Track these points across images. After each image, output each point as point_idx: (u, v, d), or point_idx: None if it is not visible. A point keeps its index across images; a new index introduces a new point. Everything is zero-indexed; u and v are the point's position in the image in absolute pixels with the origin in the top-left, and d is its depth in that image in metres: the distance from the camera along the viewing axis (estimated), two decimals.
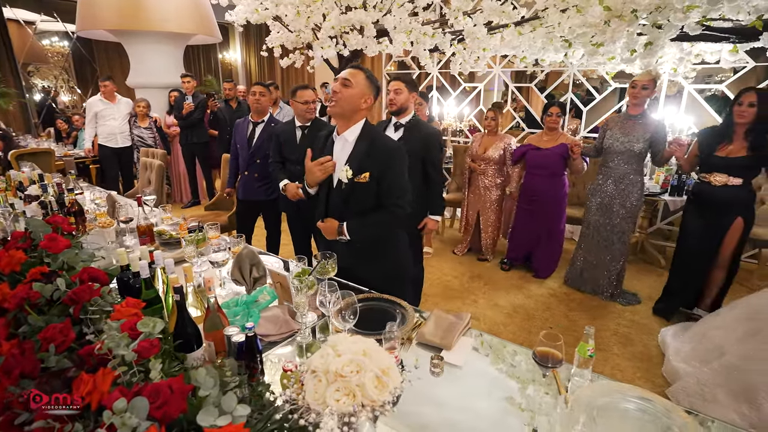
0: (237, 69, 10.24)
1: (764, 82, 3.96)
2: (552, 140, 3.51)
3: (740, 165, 2.64)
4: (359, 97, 1.69)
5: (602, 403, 1.16)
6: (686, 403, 2.17)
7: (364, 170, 1.73)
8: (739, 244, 2.78)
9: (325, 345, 0.96)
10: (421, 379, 1.28)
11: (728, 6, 2.40)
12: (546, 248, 3.71)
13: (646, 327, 2.98)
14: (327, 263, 1.70)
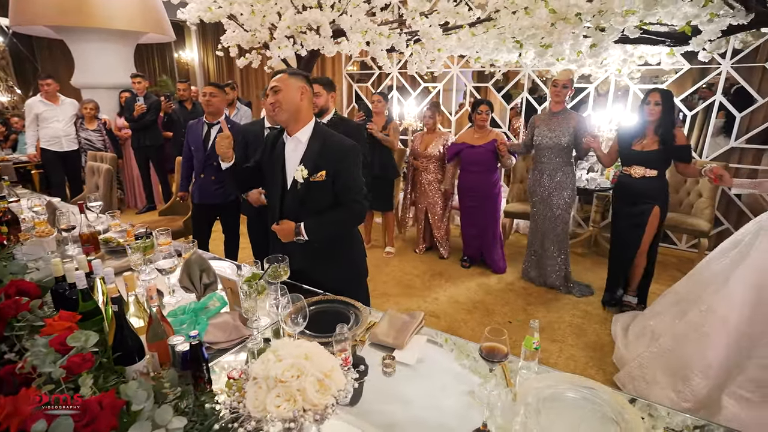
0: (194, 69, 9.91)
1: (700, 83, 4.24)
2: (483, 137, 3.64)
3: (654, 158, 2.86)
4: (293, 94, 1.71)
5: (547, 394, 1.20)
6: (631, 387, 2.29)
7: (319, 169, 1.73)
8: (656, 232, 2.98)
9: (267, 350, 0.94)
10: (391, 377, 1.29)
11: (662, 12, 2.54)
12: (490, 243, 3.83)
13: (598, 317, 3.12)
14: (279, 266, 1.67)
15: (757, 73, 3.92)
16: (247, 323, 1.53)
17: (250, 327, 1.52)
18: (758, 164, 4.13)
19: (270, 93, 1.73)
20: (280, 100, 1.70)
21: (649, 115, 2.85)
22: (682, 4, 2.43)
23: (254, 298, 1.46)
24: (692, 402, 2.10)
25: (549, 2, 2.48)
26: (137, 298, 1.32)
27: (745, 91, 3.94)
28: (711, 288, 2.31)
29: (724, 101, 3.96)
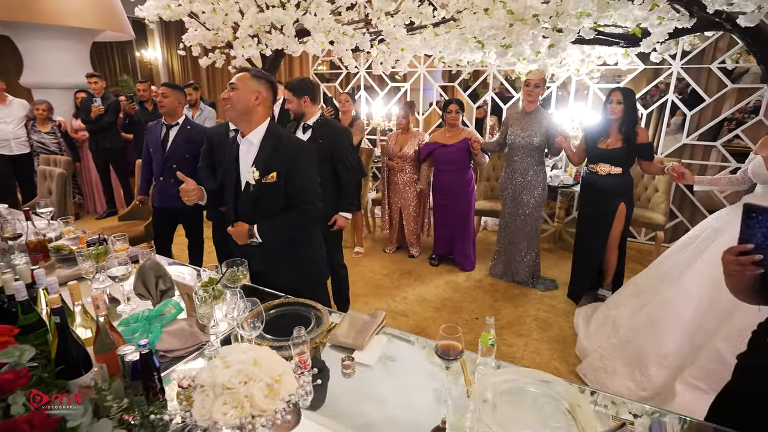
0: (158, 68, 9.61)
1: (653, 83, 4.42)
2: (454, 136, 3.67)
3: (618, 155, 2.95)
4: (248, 95, 1.69)
5: (503, 389, 1.22)
6: (593, 377, 2.36)
7: (271, 170, 1.72)
8: (624, 227, 3.09)
9: (215, 357, 0.92)
10: (366, 378, 1.30)
11: (615, 14, 2.63)
12: (462, 241, 3.87)
13: (562, 310, 3.20)
14: (237, 270, 1.64)
15: (705, 73, 4.12)
16: (205, 329, 1.49)
17: (207, 333, 1.48)
18: (707, 160, 4.34)
19: (228, 88, 1.72)
20: (233, 98, 1.68)
21: (611, 114, 2.93)
22: (632, 7, 2.53)
23: (210, 304, 1.43)
24: (649, 390, 2.19)
25: (507, 4, 2.53)
26: (84, 308, 1.27)
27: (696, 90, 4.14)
28: (669, 281, 2.41)
29: (675, 100, 4.14)
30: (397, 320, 3.05)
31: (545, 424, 1.08)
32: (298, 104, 2.53)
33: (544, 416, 1.12)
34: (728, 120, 4.56)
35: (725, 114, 4.11)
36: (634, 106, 2.95)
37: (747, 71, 4.32)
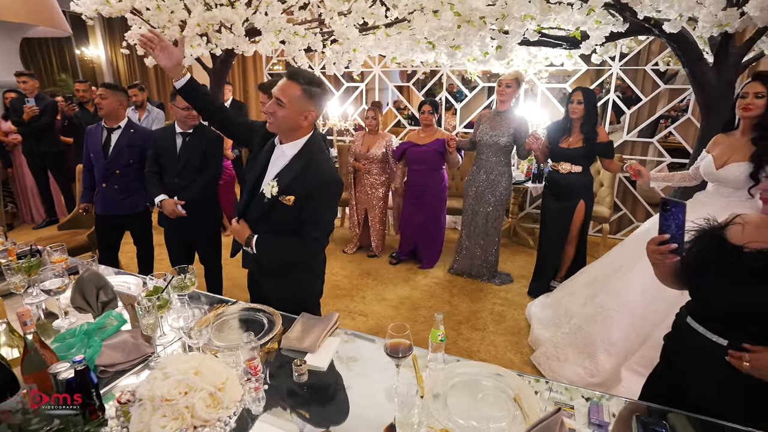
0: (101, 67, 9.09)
1: (597, 82, 4.66)
2: (428, 136, 3.71)
3: (579, 154, 3.07)
4: (296, 115, 1.54)
5: (454, 383, 1.25)
6: (546, 366, 2.46)
7: (290, 192, 1.57)
8: (583, 223, 3.23)
9: (155, 368, 0.89)
10: (330, 379, 1.30)
11: (558, 17, 2.76)
12: (430, 240, 3.93)
13: (517, 303, 3.31)
14: (185, 278, 1.59)
15: (641, 74, 4.39)
16: (150, 341, 1.43)
17: (153, 344, 1.43)
18: (646, 155, 4.64)
19: (272, 99, 1.55)
20: (279, 116, 1.54)
21: (572, 113, 3.03)
22: (572, 12, 2.65)
23: (155, 314, 1.37)
24: (598, 377, 2.30)
25: (454, 6, 2.58)
26: (9, 326, 1.18)
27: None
28: (619, 273, 2.52)
29: (616, 99, 4.38)
30: (356, 320, 3.05)
31: (491, 413, 1.11)
32: None
33: (492, 406, 1.16)
34: (663, 118, 4.89)
35: (660, 112, 4.39)
36: (594, 106, 3.04)
37: (677, 73, 4.64)
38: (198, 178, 2.64)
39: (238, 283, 3.56)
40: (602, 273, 2.73)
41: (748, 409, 1.09)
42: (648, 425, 1.05)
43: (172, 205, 2.60)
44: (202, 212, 2.70)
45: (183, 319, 1.39)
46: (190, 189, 2.62)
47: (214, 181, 2.74)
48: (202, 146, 2.64)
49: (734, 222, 1.18)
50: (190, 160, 2.63)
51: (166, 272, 1.63)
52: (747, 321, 1.08)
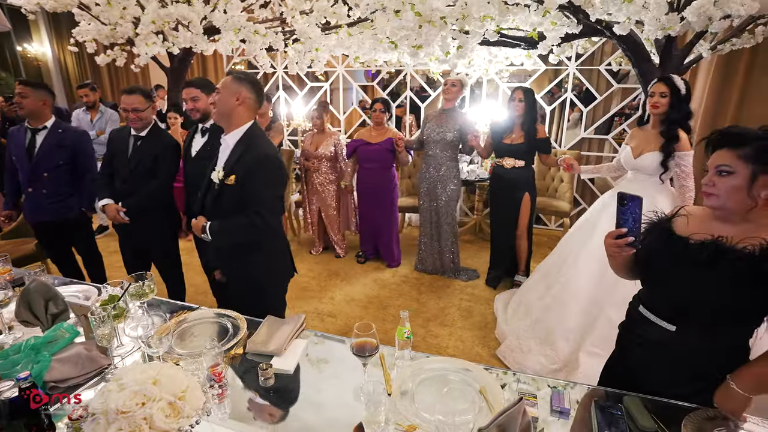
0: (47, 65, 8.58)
1: (554, 82, 4.83)
2: (380, 135, 3.72)
3: (521, 150, 3.19)
4: (228, 96, 1.74)
5: (422, 379, 1.27)
6: (511, 358, 2.53)
7: (232, 173, 1.75)
8: (530, 216, 3.35)
9: (110, 380, 0.85)
10: (299, 381, 1.29)
11: (516, 18, 2.83)
12: (386, 237, 3.95)
13: (483, 298, 3.38)
14: (143, 285, 1.53)
15: (595, 74, 4.58)
16: (106, 352, 1.37)
17: (110, 356, 1.37)
18: (602, 151, 4.84)
19: (214, 92, 1.79)
20: (217, 102, 1.76)
21: (514, 111, 3.16)
22: (529, 13, 2.73)
23: (110, 323, 1.31)
24: (559, 363, 2.40)
25: (415, 6, 2.61)
26: None
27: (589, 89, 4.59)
28: (568, 262, 2.65)
29: (573, 98, 4.55)
30: (325, 322, 3.03)
31: (457, 406, 1.13)
32: (206, 102, 2.38)
33: (458, 400, 1.18)
34: (618, 115, 5.12)
35: (614, 110, 4.60)
36: (534, 104, 3.19)
37: (628, 73, 4.87)
38: (146, 185, 2.51)
39: (201, 290, 3.46)
40: (553, 265, 2.85)
41: (694, 389, 1.16)
42: (605, 409, 1.10)
43: (113, 210, 2.48)
44: (153, 218, 2.58)
45: (142, 328, 1.34)
46: (136, 196, 2.50)
47: (163, 189, 2.58)
48: (155, 151, 2.51)
49: (680, 214, 1.25)
50: (140, 165, 2.50)
51: (123, 280, 1.57)
52: (693, 308, 1.15)
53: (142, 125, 2.50)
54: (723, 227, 1.13)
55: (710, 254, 1.08)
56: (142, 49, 3.55)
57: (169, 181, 2.61)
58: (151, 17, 3.30)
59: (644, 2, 2.36)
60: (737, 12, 2.14)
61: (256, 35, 3.36)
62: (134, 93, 2.45)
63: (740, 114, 3.77)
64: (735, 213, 1.11)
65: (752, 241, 1.04)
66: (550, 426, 1.11)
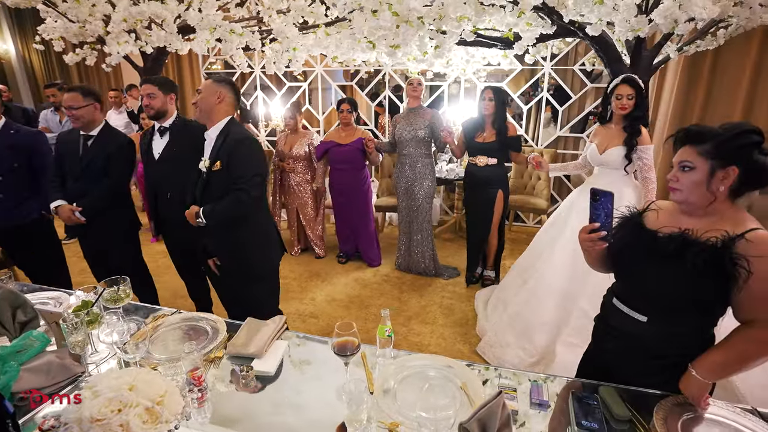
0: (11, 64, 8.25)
1: (530, 81, 4.92)
2: (350, 135, 3.72)
3: (493, 148, 3.24)
4: (210, 96, 1.96)
5: (404, 377, 1.27)
6: (490, 353, 2.57)
7: (217, 160, 1.95)
8: (503, 212, 3.41)
9: (84, 387, 0.83)
10: (280, 384, 1.28)
11: (492, 19, 2.88)
12: (364, 237, 3.95)
13: (464, 296, 3.42)
14: (118, 289, 1.49)
15: (570, 74, 4.69)
16: (80, 359, 1.33)
17: (84, 363, 1.33)
18: (578, 149, 4.96)
19: (196, 93, 2.00)
20: (199, 102, 1.97)
21: (485, 110, 3.19)
22: (505, 14, 2.78)
23: (83, 330, 1.28)
24: (536, 356, 2.45)
25: (392, 6, 2.62)
26: None
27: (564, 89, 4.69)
28: (542, 257, 2.71)
29: (549, 97, 4.65)
30: (306, 323, 3.01)
31: (439, 402, 1.14)
32: (163, 101, 2.38)
33: (440, 396, 1.19)
34: (592, 114, 5.24)
35: (588, 109, 4.71)
36: (503, 102, 3.22)
37: (602, 73, 5.00)
38: (99, 185, 2.45)
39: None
40: (528, 261, 2.91)
41: (665, 378, 1.20)
42: (582, 399, 1.13)
43: (67, 211, 2.41)
44: (110, 220, 2.52)
45: (117, 334, 1.31)
46: (89, 196, 2.43)
47: (116, 189, 2.51)
48: (107, 151, 2.44)
49: (650, 208, 1.30)
50: (92, 165, 2.44)
51: (97, 285, 1.53)
52: (662, 299, 1.19)
53: (82, 123, 2.42)
54: (689, 221, 1.18)
55: (677, 246, 1.13)
56: (114, 48, 3.45)
57: (123, 181, 2.56)
58: (123, 15, 3.21)
59: (614, 4, 2.43)
60: (700, 15, 2.22)
61: (232, 34, 3.31)
62: (73, 91, 2.40)
63: (705, 113, 3.93)
64: (698, 207, 1.16)
65: (715, 234, 1.09)
66: (531, 419, 1.14)
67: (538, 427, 1.11)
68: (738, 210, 1.15)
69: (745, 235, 1.06)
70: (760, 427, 1.06)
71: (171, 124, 2.44)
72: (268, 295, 2.23)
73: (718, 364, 1.13)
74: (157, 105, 2.37)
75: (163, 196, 2.50)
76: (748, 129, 1.10)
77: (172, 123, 2.44)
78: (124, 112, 5.37)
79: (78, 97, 2.38)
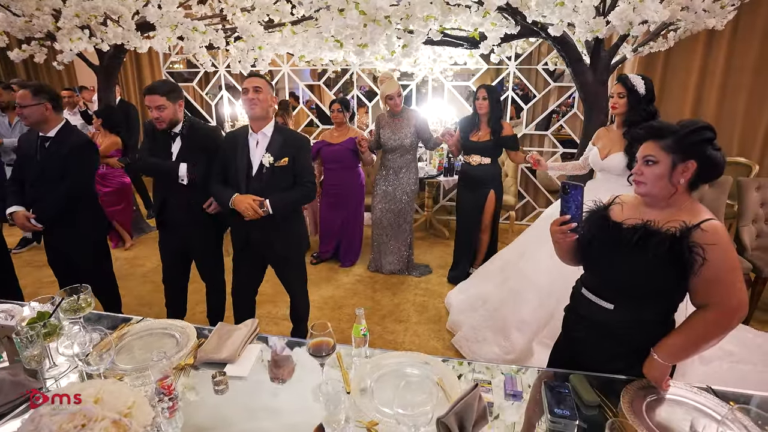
0: None
1: (496, 80, 5.02)
2: (342, 135, 3.70)
3: (487, 147, 3.27)
4: (268, 97, 2.10)
5: (380, 375, 1.27)
6: (466, 348, 2.60)
7: (283, 156, 2.12)
8: (495, 212, 3.46)
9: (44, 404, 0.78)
10: (257, 388, 1.25)
11: (458, 19, 2.92)
12: (349, 238, 3.93)
13: (437, 292, 3.46)
14: (78, 299, 1.41)
15: (533, 73, 4.82)
16: (36, 375, 1.26)
17: (41, 378, 1.25)
18: (542, 146, 5.11)
19: (250, 90, 2.04)
20: (260, 99, 2.05)
21: (479, 109, 3.22)
22: (470, 14, 2.82)
23: (40, 343, 1.21)
24: (513, 354, 2.47)
25: (359, 5, 2.61)
26: None
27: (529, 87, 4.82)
28: (526, 255, 2.73)
29: (514, 96, 4.76)
30: (280, 325, 2.96)
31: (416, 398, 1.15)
32: (173, 110, 2.27)
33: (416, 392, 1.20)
34: (555, 112, 5.41)
35: (551, 108, 4.86)
36: (498, 101, 3.25)
37: (563, 72, 5.17)
38: (56, 189, 2.33)
39: (144, 301, 3.26)
40: (512, 258, 2.94)
41: (630, 362, 1.26)
42: (554, 388, 1.16)
43: (21, 218, 2.29)
44: (77, 225, 2.41)
45: (78, 345, 1.24)
46: (44, 201, 2.31)
47: (74, 192, 2.37)
48: (64, 153, 2.32)
49: (615, 202, 1.35)
50: (48, 168, 2.32)
51: (54, 295, 1.45)
52: (627, 287, 1.25)
53: (31, 123, 2.30)
54: (651, 212, 1.23)
55: (640, 237, 1.18)
56: (66, 45, 3.27)
57: (84, 183, 2.42)
58: (75, 10, 3.05)
59: (574, 6, 2.52)
60: (652, 18, 2.33)
61: (195, 32, 3.21)
62: (24, 88, 2.28)
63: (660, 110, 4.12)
64: (660, 198, 1.22)
65: (674, 224, 1.15)
66: (506, 410, 1.16)
67: (513, 417, 1.14)
68: (694, 201, 1.21)
69: (700, 225, 1.13)
70: (715, 404, 1.12)
71: (181, 129, 2.34)
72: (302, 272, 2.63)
73: (677, 347, 1.19)
74: (168, 116, 2.25)
75: (174, 198, 2.39)
76: (702, 126, 1.16)
77: (181, 127, 2.34)
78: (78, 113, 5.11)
79: (27, 95, 2.25)
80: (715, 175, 1.19)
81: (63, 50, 3.29)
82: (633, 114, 2.27)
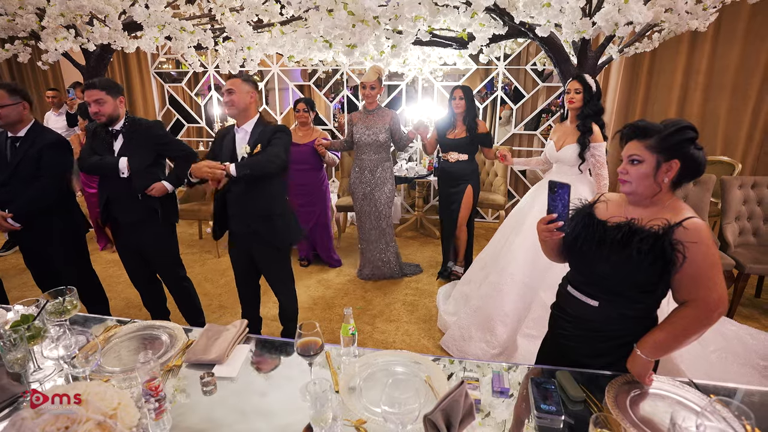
0: None
1: (485, 81, 5.05)
2: (307, 135, 3.66)
3: (464, 144, 3.34)
4: (244, 96, 2.17)
5: (368, 374, 1.28)
6: (454, 347, 2.62)
7: (257, 145, 2.17)
8: (472, 207, 3.50)
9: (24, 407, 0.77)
10: (247, 390, 1.24)
11: (446, 19, 2.94)
12: (322, 239, 3.90)
13: (427, 291, 3.47)
14: (63, 301, 1.40)
15: (522, 73, 4.86)
16: (20, 379, 1.24)
17: (25, 382, 1.24)
18: (532, 146, 5.16)
19: (226, 92, 2.15)
20: (235, 100, 2.14)
21: (456, 108, 3.30)
22: (459, 15, 2.84)
23: (24, 346, 1.19)
24: (498, 348, 2.52)
25: (348, 5, 2.61)
26: None
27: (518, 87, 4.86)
28: (504, 251, 2.79)
29: (504, 96, 4.80)
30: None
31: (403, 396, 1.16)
32: (114, 105, 2.28)
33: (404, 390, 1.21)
34: (545, 112, 5.46)
35: (540, 107, 4.91)
36: (473, 101, 3.34)
37: (552, 72, 5.22)
38: (31, 187, 2.31)
39: (133, 303, 3.23)
40: (490, 255, 2.99)
41: (614, 358, 1.28)
42: (540, 385, 1.18)
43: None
44: (52, 225, 2.39)
45: (64, 348, 1.23)
46: (19, 200, 2.28)
47: (50, 190, 2.36)
48: (35, 152, 2.30)
49: (600, 200, 1.37)
50: (20, 168, 2.29)
51: (39, 297, 1.43)
52: (611, 284, 1.26)
53: (7, 123, 2.28)
54: (636, 210, 1.26)
55: (624, 234, 1.20)
56: (51, 45, 3.23)
57: (56, 182, 2.40)
58: (59, 9, 3.01)
59: (561, 7, 2.55)
60: (637, 19, 2.37)
61: (183, 32, 3.19)
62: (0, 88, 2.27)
63: (646, 110, 4.20)
64: (645, 197, 1.24)
65: (657, 222, 1.17)
66: (494, 407, 1.17)
67: (500, 414, 1.15)
68: (677, 200, 1.24)
69: (682, 223, 1.15)
70: (697, 397, 1.15)
71: (122, 126, 2.33)
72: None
73: (659, 343, 1.21)
74: (107, 111, 2.24)
75: (118, 198, 2.38)
76: (684, 126, 1.18)
77: (122, 125, 2.33)
78: (64, 114, 5.03)
79: (4, 95, 2.23)
80: (696, 173, 1.21)
81: (48, 50, 3.24)
82: (586, 108, 2.53)
